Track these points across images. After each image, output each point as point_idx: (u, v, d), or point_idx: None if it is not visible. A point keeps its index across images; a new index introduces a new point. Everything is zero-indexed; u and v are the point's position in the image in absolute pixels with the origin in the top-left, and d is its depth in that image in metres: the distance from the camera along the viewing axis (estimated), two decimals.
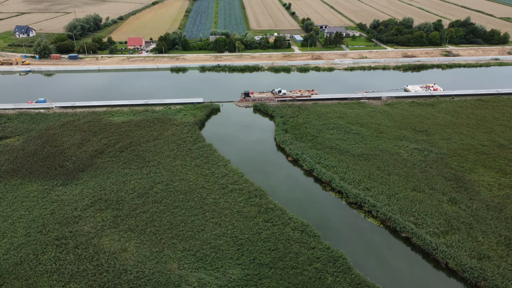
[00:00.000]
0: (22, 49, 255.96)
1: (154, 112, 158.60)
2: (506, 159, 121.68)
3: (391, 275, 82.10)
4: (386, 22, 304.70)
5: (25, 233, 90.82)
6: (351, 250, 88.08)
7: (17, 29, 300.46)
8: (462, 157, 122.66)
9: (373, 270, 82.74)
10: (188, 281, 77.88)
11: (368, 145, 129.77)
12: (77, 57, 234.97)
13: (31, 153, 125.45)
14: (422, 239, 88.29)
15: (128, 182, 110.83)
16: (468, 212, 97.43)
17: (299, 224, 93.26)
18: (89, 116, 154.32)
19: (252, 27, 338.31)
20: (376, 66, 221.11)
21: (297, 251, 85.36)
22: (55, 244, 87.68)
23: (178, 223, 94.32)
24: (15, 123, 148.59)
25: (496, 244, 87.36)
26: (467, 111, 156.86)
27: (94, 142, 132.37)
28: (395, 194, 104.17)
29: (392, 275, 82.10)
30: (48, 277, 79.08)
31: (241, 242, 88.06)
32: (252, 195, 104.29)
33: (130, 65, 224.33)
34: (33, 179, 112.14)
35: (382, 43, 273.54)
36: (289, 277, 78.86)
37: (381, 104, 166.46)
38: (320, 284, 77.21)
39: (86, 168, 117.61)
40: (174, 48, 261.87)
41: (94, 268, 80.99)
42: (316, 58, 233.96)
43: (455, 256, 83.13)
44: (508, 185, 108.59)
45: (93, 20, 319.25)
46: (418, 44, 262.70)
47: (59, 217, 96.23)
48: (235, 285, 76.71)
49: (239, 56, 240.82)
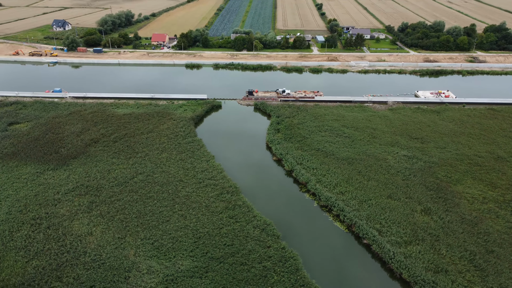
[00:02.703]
0: (56, 42, 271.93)
1: (157, 106, 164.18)
2: (500, 172, 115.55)
3: (341, 281, 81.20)
4: (414, 25, 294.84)
5: (7, 211, 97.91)
6: (308, 252, 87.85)
7: (55, 23, 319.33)
8: (453, 167, 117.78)
9: (324, 274, 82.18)
10: (139, 268, 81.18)
11: (356, 149, 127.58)
12: (101, 50, 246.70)
13: (33, 138, 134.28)
14: (381, 247, 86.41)
15: (113, 171, 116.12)
16: (440, 223, 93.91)
17: (261, 223, 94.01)
18: (96, 107, 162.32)
19: (278, 26, 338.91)
20: (392, 69, 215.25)
21: (251, 249, 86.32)
22: (30, 223, 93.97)
23: (146, 212, 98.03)
24: (28, 110, 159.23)
25: (459, 258, 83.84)
26: (474, 120, 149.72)
27: (93, 132, 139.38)
28: (368, 200, 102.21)
29: (341, 281, 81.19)
30: (16, 253, 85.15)
31: (199, 236, 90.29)
32: (225, 191, 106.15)
33: (148, 60, 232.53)
34: (29, 162, 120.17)
35: (407, 46, 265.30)
36: (235, 272, 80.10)
37: (384, 108, 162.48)
38: (263, 282, 77.91)
39: (78, 155, 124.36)
40: (195, 45, 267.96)
41: (58, 248, 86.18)
42: (332, 59, 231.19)
43: (410, 267, 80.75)
44: (493, 200, 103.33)
45: (124, 16, 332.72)
46: (444, 49, 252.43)
47: (41, 199, 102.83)
48: (180, 275, 79.09)
49: (255, 55, 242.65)
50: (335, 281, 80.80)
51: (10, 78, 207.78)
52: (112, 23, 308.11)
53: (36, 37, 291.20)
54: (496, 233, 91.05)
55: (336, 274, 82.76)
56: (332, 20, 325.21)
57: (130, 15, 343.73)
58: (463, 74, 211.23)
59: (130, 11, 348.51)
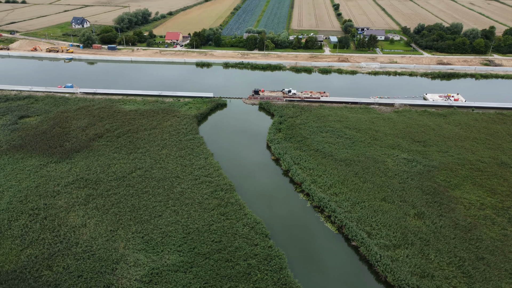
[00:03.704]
0: (73, 39, 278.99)
1: (163, 103, 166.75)
2: (502, 178, 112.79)
3: (324, 282, 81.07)
4: (431, 26, 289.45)
5: (8, 201, 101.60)
6: (296, 252, 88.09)
7: (74, 20, 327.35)
8: (453, 171, 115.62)
9: (308, 274, 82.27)
10: (127, 260, 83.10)
11: (356, 151, 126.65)
12: (115, 48, 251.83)
13: (41, 132, 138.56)
14: (369, 249, 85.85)
15: (113, 166, 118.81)
16: (431, 228, 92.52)
17: (251, 221, 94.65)
18: (104, 102, 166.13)
19: (292, 26, 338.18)
20: (402, 72, 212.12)
21: (238, 246, 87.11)
22: (28, 213, 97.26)
23: (140, 207, 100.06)
24: (39, 104, 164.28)
25: (447, 264, 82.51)
26: (481, 124, 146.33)
27: (98, 127, 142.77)
28: (361, 202, 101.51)
29: (325, 282, 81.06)
30: (12, 241, 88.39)
31: (189, 231, 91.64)
32: (219, 189, 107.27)
33: (160, 58, 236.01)
34: (34, 155, 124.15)
35: (421, 48, 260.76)
36: (219, 268, 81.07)
37: (390, 111, 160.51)
38: (245, 279, 78.59)
39: (82, 149, 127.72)
40: (208, 44, 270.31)
41: (52, 238, 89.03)
42: (342, 60, 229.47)
43: (395, 270, 79.98)
44: (491, 206, 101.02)
45: (141, 14, 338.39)
46: (459, 51, 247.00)
47: (41, 191, 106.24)
48: (166, 269, 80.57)
49: (266, 54, 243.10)
50: (319, 282, 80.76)
51: (27, 73, 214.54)
52: (129, 21, 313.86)
53: (55, 33, 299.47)
54: (489, 240, 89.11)
55: (321, 275, 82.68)
56: (347, 21, 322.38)
57: (147, 14, 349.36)
58: (476, 78, 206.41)
59: (147, 9, 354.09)
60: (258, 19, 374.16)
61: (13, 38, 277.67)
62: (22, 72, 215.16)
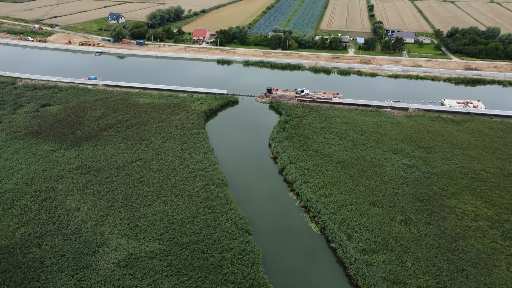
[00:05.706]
0: (105, 33, 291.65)
1: (176, 97, 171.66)
2: (505, 190, 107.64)
3: (295, 281, 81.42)
4: (464, 30, 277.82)
5: (15, 182, 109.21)
6: (273, 249, 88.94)
7: (110, 16, 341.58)
8: (453, 180, 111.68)
9: (280, 272, 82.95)
10: (109, 244, 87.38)
11: (356, 153, 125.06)
12: (143, 43, 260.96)
13: (58, 120, 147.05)
14: (345, 252, 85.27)
15: (117, 155, 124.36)
16: (416, 235, 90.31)
17: (235, 216, 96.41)
18: (121, 95, 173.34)
19: (321, 27, 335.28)
20: (425, 76, 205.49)
21: (217, 239, 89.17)
22: (31, 194, 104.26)
23: (133, 195, 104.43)
24: (62, 94, 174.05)
25: (424, 273, 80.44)
26: (495, 133, 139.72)
27: (111, 118, 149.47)
28: (349, 204, 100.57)
29: (295, 281, 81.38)
30: (11, 219, 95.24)
31: (173, 221, 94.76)
32: (211, 183, 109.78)
33: (184, 54, 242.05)
34: (47, 141, 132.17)
35: (451, 52, 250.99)
36: (193, 259, 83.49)
37: (402, 115, 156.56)
38: (217, 271, 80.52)
39: (91, 138, 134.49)
40: (233, 42, 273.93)
41: (46, 219, 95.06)
42: (364, 62, 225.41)
43: (367, 275, 79.07)
44: (486, 218, 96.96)
45: (174, 11, 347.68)
46: (491, 57, 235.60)
47: (47, 174, 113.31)
48: (142, 256, 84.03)
49: (288, 54, 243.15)
50: (289, 280, 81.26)
51: (58, 64, 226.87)
52: (161, 18, 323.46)
53: (91, 28, 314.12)
54: (475, 252, 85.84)
55: (293, 274, 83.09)
56: (377, 22, 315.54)
57: (179, 11, 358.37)
58: (504, 85, 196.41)
59: (180, 6, 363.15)
60: (289, 18, 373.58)
61: (52, 31, 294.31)
62: (54, 63, 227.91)
